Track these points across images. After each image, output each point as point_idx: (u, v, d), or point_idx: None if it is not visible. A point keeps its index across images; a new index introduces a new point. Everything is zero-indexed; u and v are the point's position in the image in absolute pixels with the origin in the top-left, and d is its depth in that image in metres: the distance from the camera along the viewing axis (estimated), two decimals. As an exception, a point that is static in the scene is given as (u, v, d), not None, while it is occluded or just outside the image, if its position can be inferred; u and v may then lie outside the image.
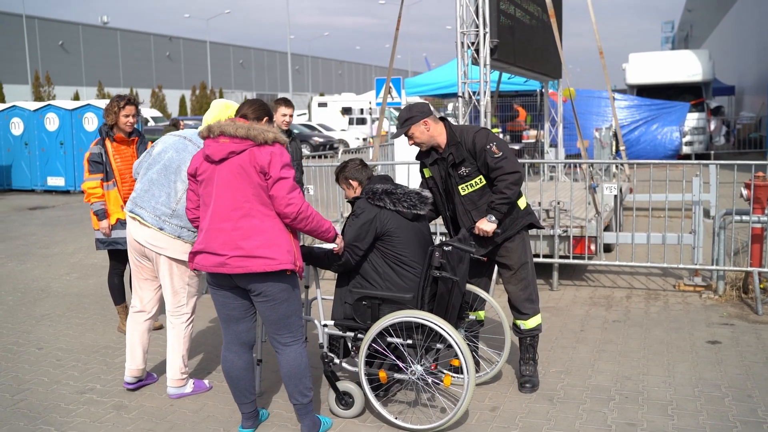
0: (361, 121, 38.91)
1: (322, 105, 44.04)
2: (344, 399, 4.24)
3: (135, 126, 5.84)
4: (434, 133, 4.55)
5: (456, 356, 3.91)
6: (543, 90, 12.68)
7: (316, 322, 4.31)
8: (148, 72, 68.51)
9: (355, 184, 4.43)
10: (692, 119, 21.01)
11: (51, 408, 4.52)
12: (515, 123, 19.94)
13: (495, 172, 4.43)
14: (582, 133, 18.39)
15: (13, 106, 18.66)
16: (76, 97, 47.41)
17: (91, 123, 17.15)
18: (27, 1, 55.27)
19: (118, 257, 5.96)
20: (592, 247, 7.05)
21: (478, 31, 7.51)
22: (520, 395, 4.55)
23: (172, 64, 72.49)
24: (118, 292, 6.07)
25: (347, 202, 4.58)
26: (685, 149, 20.71)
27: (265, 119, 3.94)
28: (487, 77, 7.54)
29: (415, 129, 4.54)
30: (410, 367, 4.02)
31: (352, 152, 25.77)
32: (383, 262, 4.18)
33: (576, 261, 7.16)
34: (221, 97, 61.63)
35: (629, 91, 23.39)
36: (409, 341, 4.01)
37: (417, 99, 26.63)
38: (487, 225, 4.45)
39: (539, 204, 7.46)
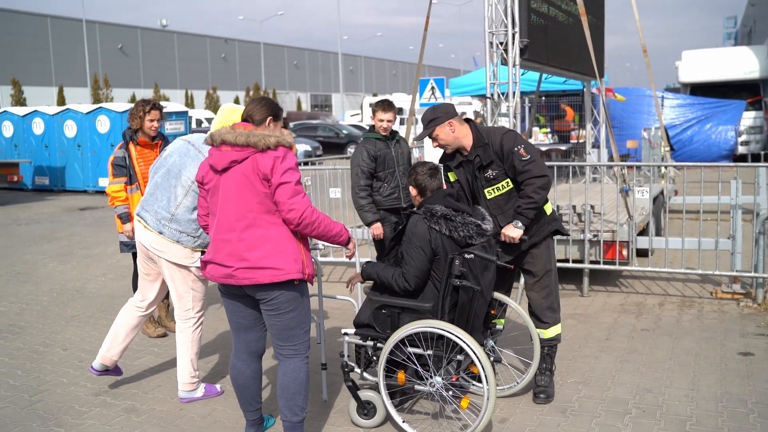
0: (412, 122, 38.70)
1: None
2: (366, 408, 4.17)
3: (159, 130, 5.91)
4: (459, 134, 4.44)
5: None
6: (585, 90, 12.37)
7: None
8: (203, 74, 69.72)
9: (414, 192, 4.24)
10: (749, 118, 20.29)
11: (65, 410, 4.58)
12: (563, 122, 19.56)
13: (522, 175, 4.31)
14: (631, 132, 17.84)
15: (67, 109, 19.20)
16: (132, 100, 48.51)
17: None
18: (88, 6, 56.87)
19: (142, 260, 6.01)
20: (624, 253, 6.82)
21: (506, 30, 7.36)
22: (532, 406, 4.42)
23: (227, 66, 73.60)
24: (142, 295, 6.12)
25: (403, 213, 4.37)
26: (741, 149, 20.02)
27: (269, 119, 3.80)
28: (516, 78, 7.38)
29: (439, 130, 4.43)
30: (431, 378, 3.91)
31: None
32: (427, 284, 4.02)
33: (605, 267, 6.94)
34: (274, 98, 62.19)
35: (682, 90, 22.72)
36: (429, 352, 3.89)
37: (468, 99, 26.28)
38: (513, 231, 4.33)
39: (573, 207, 7.26)
